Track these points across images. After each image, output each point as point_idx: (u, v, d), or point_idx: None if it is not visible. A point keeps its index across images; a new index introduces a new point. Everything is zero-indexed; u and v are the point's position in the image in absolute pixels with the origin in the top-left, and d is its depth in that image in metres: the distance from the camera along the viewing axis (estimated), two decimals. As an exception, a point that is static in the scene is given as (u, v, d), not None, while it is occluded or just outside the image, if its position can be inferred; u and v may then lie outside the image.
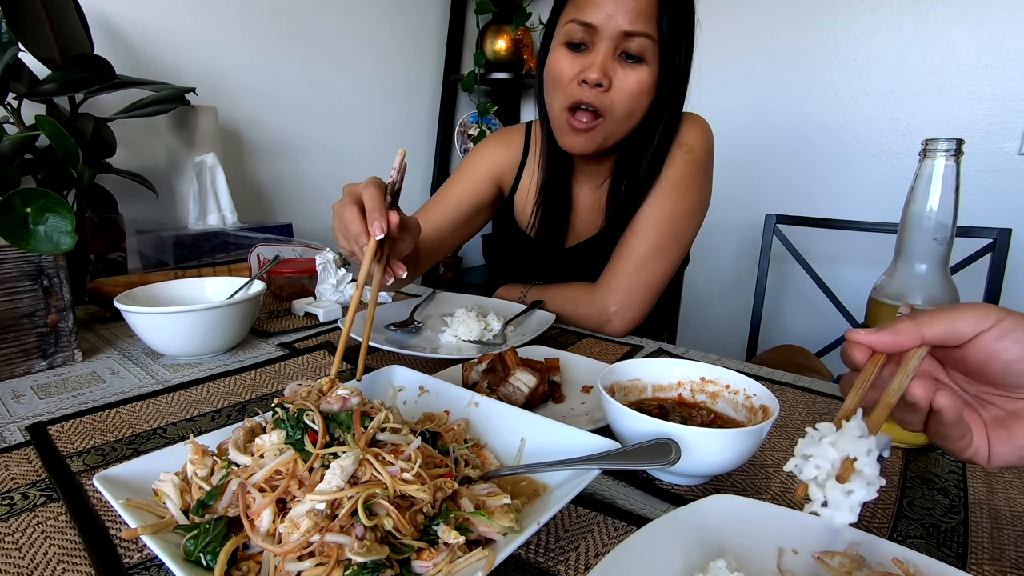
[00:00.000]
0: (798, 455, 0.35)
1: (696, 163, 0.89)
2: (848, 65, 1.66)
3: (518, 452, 0.47)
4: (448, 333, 0.81)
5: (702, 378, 0.55)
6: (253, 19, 1.56)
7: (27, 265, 0.67)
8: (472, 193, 0.99)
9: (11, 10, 0.90)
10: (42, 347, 0.70)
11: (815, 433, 0.35)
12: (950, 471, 0.50)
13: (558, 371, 0.65)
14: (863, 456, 0.33)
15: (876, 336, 0.35)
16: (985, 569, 0.38)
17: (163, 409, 0.60)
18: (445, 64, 2.15)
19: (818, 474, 0.34)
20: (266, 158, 1.67)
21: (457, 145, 2.24)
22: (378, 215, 0.51)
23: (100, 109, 1.19)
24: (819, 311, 1.62)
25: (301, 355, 0.76)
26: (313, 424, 0.38)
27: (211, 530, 0.34)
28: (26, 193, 0.63)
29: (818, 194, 1.77)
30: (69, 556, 0.38)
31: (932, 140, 0.48)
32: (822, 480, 0.34)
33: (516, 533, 0.35)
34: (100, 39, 1.19)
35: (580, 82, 0.79)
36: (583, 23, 0.78)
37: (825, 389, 0.68)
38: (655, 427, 0.43)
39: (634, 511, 0.44)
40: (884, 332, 0.35)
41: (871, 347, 0.36)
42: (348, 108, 1.87)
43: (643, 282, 0.87)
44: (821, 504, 0.34)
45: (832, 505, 0.33)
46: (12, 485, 0.46)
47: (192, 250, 1.18)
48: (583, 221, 0.99)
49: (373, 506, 0.34)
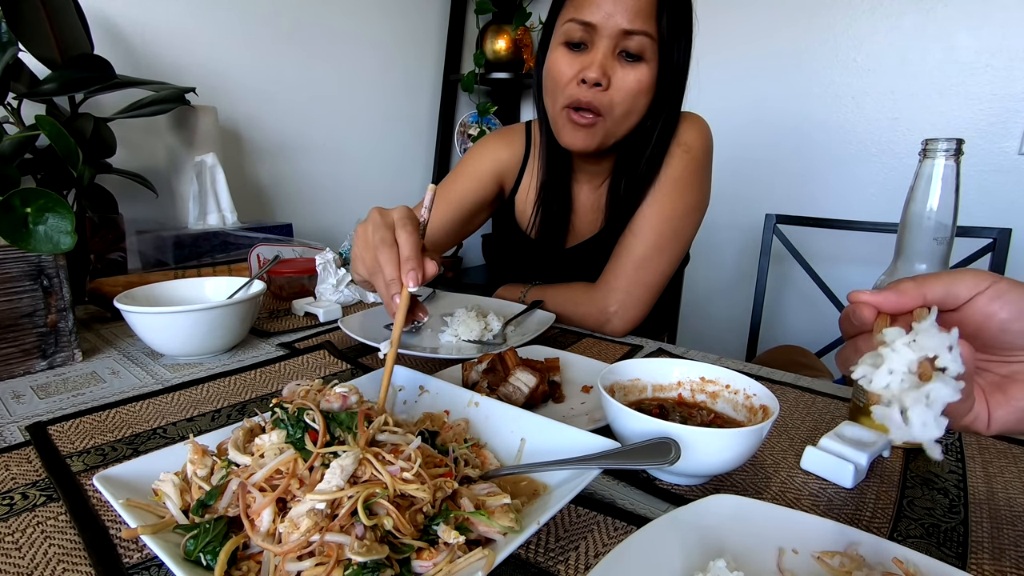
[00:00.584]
0: (865, 363, 0.32)
1: (695, 162, 0.89)
2: (848, 65, 1.66)
3: (518, 452, 0.47)
4: (448, 333, 0.81)
5: (702, 378, 0.55)
6: (253, 19, 1.56)
7: (27, 265, 0.67)
8: (475, 191, 0.99)
9: (11, 10, 0.90)
10: (42, 347, 0.70)
11: (885, 336, 0.31)
12: (950, 471, 0.50)
13: (558, 371, 0.65)
14: (945, 353, 0.30)
15: (881, 296, 0.35)
16: (985, 569, 0.38)
17: (163, 409, 0.60)
18: (445, 64, 2.15)
19: (891, 380, 0.30)
20: (266, 158, 1.67)
21: (457, 145, 2.24)
22: (414, 264, 0.49)
23: (100, 109, 1.19)
24: (819, 311, 1.62)
25: (301, 355, 0.76)
26: (313, 423, 0.38)
27: (211, 530, 0.34)
28: (26, 193, 0.63)
29: (818, 194, 1.77)
30: (69, 556, 0.38)
31: (932, 140, 0.48)
32: (897, 389, 0.30)
33: (516, 533, 0.35)
34: (100, 39, 1.19)
35: (579, 81, 0.79)
36: (582, 22, 0.78)
37: (825, 389, 0.68)
38: (655, 427, 0.43)
39: (634, 511, 0.44)
40: (888, 292, 0.36)
41: (877, 307, 0.36)
42: (348, 108, 1.87)
43: (643, 282, 0.87)
44: (900, 414, 0.30)
45: (913, 417, 0.30)
46: (12, 485, 0.46)
47: (192, 250, 1.18)
48: (583, 221, 0.99)
49: (373, 506, 0.34)
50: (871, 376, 0.31)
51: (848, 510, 0.44)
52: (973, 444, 0.55)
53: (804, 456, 0.50)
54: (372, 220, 0.53)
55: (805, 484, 0.48)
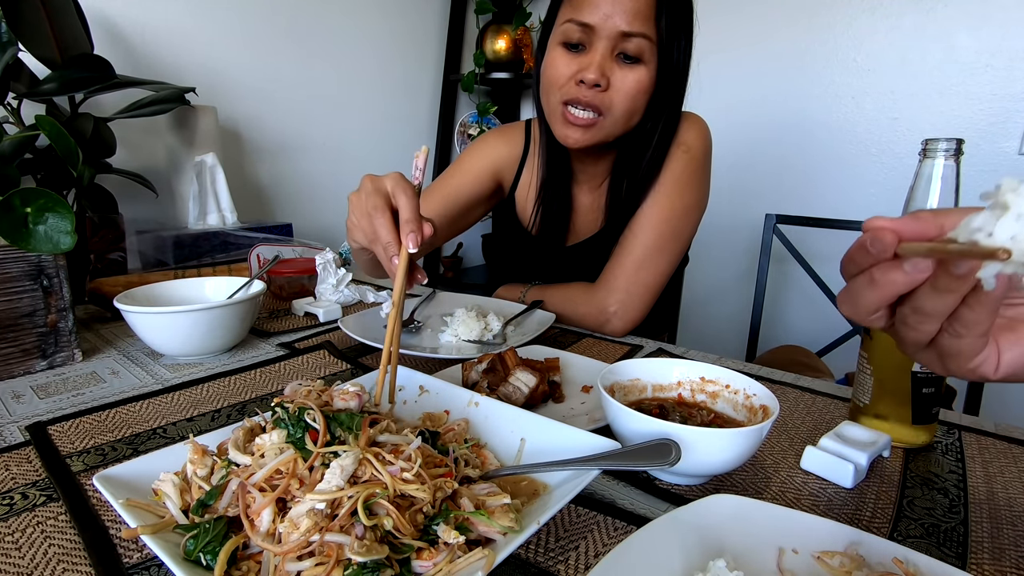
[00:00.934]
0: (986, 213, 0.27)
1: (694, 162, 0.89)
2: (848, 65, 1.66)
3: (518, 452, 0.47)
4: (448, 333, 0.81)
5: (702, 378, 0.55)
6: (253, 19, 1.56)
7: (27, 265, 0.67)
8: (472, 186, 0.98)
9: (11, 10, 0.90)
10: (42, 347, 0.70)
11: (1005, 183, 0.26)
12: (950, 471, 0.50)
13: (558, 371, 0.65)
14: None
15: (901, 222, 0.32)
16: (985, 569, 0.38)
17: (163, 409, 0.60)
18: (445, 64, 2.15)
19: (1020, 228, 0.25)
20: (266, 158, 1.67)
21: (457, 145, 2.24)
22: (414, 227, 0.49)
23: (100, 109, 1.19)
24: (819, 311, 1.62)
25: (301, 355, 0.76)
26: (314, 423, 0.38)
27: (211, 530, 0.34)
28: (26, 193, 0.63)
29: (818, 194, 1.77)
30: (69, 556, 0.38)
31: (932, 140, 0.48)
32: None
33: (516, 533, 0.35)
34: (100, 39, 1.19)
35: (578, 82, 0.79)
36: (580, 23, 0.77)
37: (826, 389, 0.68)
38: (655, 427, 0.43)
39: (634, 511, 0.44)
40: (907, 219, 0.33)
41: (897, 232, 0.32)
42: (348, 108, 1.87)
43: (642, 282, 0.87)
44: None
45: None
46: (12, 485, 0.46)
47: (192, 250, 1.18)
48: (583, 221, 0.99)
49: (373, 506, 0.34)
50: (991, 227, 0.26)
51: (848, 510, 0.44)
52: (973, 444, 0.55)
53: (804, 456, 0.50)
54: (364, 188, 0.53)
55: (805, 484, 0.48)
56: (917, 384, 0.51)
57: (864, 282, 0.33)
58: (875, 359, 0.53)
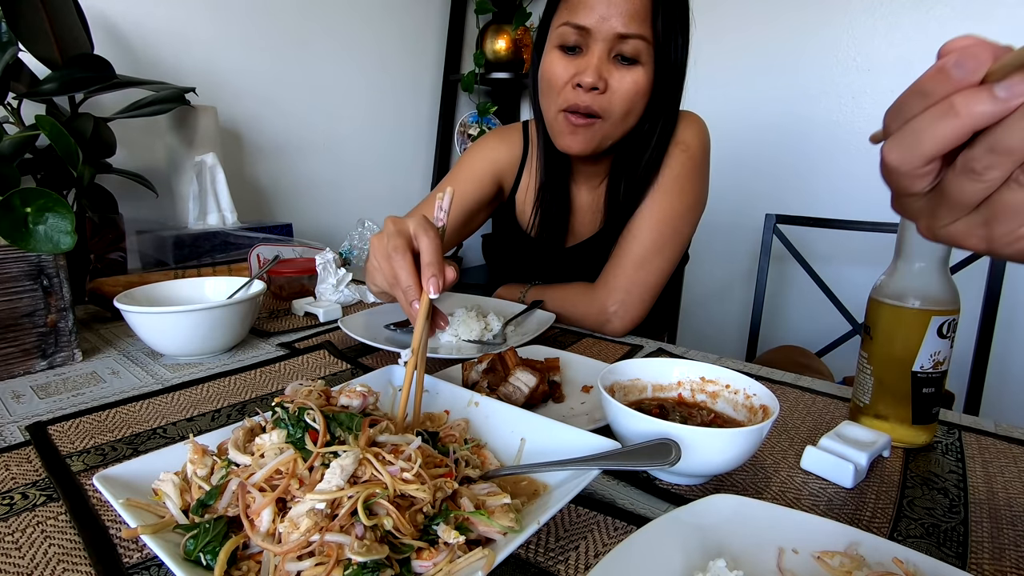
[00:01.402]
0: None
1: (692, 161, 0.89)
2: (848, 65, 1.66)
3: (518, 452, 0.47)
4: (448, 333, 0.80)
5: (702, 378, 0.55)
6: (253, 19, 1.56)
7: (27, 265, 0.67)
8: (475, 191, 0.98)
9: (11, 10, 0.90)
10: (42, 347, 0.70)
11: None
12: (950, 471, 0.50)
13: (558, 371, 0.65)
14: None
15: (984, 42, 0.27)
16: (985, 569, 0.38)
17: (163, 409, 0.60)
18: (445, 64, 2.15)
19: None
20: (266, 158, 1.67)
21: (457, 145, 2.24)
22: (435, 270, 0.47)
23: (100, 109, 1.19)
24: (819, 311, 1.62)
25: (301, 355, 0.76)
26: (314, 423, 0.38)
27: (211, 530, 0.34)
28: (26, 193, 0.63)
29: (818, 194, 1.77)
30: (69, 556, 0.38)
31: (932, 140, 0.47)
32: None
33: (516, 533, 0.35)
34: (100, 39, 1.19)
35: (575, 85, 0.79)
36: (576, 26, 0.77)
37: (826, 389, 0.68)
38: (655, 427, 0.43)
39: (634, 511, 0.44)
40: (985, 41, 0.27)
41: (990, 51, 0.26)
42: (348, 108, 1.87)
43: (642, 281, 0.87)
44: None
45: None
46: (12, 485, 0.46)
47: (192, 250, 1.18)
48: (582, 221, 0.99)
49: (373, 506, 0.34)
50: None
51: (848, 510, 0.44)
52: (973, 444, 0.55)
53: (804, 456, 0.50)
54: (386, 230, 0.52)
55: (805, 484, 0.48)
56: (917, 384, 0.51)
57: (936, 115, 0.27)
58: (875, 359, 0.53)
